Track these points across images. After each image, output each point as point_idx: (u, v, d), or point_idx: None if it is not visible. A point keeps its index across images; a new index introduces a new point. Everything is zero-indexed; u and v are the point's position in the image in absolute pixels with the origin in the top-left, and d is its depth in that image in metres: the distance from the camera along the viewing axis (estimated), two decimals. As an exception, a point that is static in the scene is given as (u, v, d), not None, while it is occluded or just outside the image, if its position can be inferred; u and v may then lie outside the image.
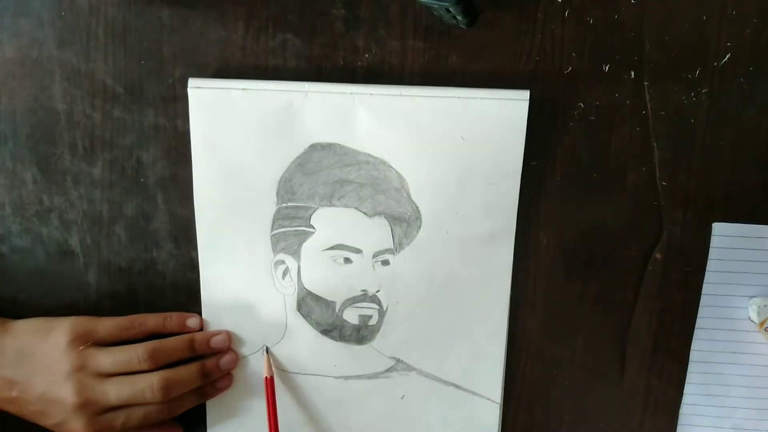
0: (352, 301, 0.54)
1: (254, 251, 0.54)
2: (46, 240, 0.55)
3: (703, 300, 0.53)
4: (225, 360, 0.55)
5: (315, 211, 0.52)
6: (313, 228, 0.53)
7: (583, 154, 0.52)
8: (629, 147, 0.51)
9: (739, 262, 0.52)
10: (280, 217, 0.53)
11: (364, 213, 0.52)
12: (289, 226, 0.53)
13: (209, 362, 0.54)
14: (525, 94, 0.49)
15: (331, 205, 0.52)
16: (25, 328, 0.52)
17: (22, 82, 0.53)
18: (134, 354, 0.51)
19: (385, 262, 0.53)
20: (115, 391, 0.50)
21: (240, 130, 0.51)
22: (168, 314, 0.55)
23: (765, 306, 0.52)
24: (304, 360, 0.55)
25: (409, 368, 0.55)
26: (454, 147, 0.50)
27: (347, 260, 0.53)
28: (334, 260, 0.53)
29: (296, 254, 0.53)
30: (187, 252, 0.55)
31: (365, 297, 0.54)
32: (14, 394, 0.50)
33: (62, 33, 0.52)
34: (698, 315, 0.54)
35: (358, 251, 0.53)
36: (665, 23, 0.49)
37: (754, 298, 0.53)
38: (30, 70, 0.52)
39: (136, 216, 0.54)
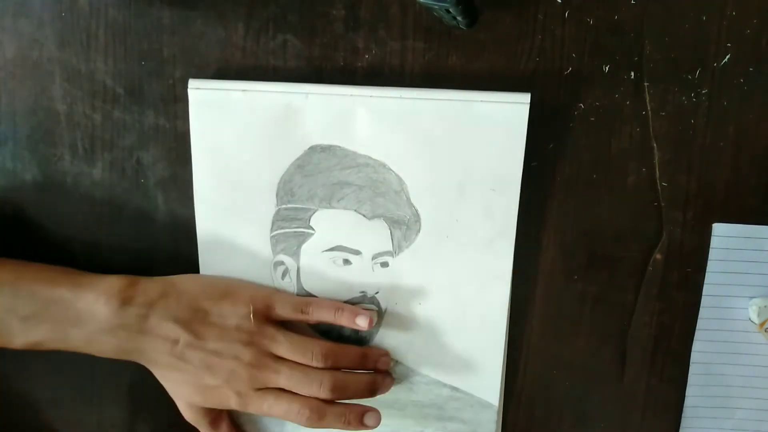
0: (351, 303, 0.54)
1: (254, 252, 0.54)
2: (46, 241, 0.55)
3: (704, 301, 0.53)
4: (388, 381, 0.54)
5: (314, 212, 0.52)
6: (313, 229, 0.53)
7: (583, 154, 0.52)
8: (629, 148, 0.51)
9: (739, 262, 0.52)
10: (279, 219, 0.53)
11: (364, 215, 0.52)
12: (289, 228, 0.53)
13: (380, 378, 0.53)
14: (526, 97, 0.49)
15: (331, 206, 0.52)
16: (189, 288, 0.52)
17: (22, 83, 0.53)
18: (310, 350, 0.51)
19: (384, 264, 0.53)
20: (286, 372, 0.50)
21: (240, 131, 0.51)
22: (339, 306, 0.53)
23: (765, 306, 0.52)
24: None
25: (408, 370, 0.55)
26: (454, 150, 0.50)
27: (346, 262, 0.53)
28: (334, 262, 0.53)
29: (296, 255, 0.53)
30: (187, 253, 0.55)
31: (364, 298, 0.54)
32: (178, 347, 0.50)
33: (62, 34, 0.52)
34: (699, 316, 0.54)
35: (357, 253, 0.53)
36: (665, 24, 0.49)
37: (754, 299, 0.53)
38: (30, 70, 0.53)
39: (136, 217, 0.55)
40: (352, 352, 0.53)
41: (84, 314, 0.50)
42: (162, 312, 0.50)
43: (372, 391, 0.53)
